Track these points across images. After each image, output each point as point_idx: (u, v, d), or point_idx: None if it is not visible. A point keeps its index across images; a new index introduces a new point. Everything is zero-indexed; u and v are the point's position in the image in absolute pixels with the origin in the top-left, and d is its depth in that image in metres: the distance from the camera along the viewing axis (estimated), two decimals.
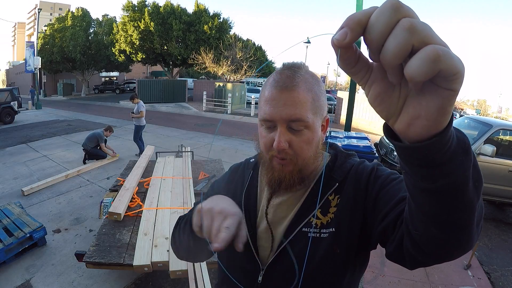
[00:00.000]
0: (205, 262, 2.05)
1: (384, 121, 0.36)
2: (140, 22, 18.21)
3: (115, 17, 24.51)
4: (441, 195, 0.37)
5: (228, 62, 16.20)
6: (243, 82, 19.74)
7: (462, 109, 43.22)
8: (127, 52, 19.50)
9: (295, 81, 0.59)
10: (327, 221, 0.63)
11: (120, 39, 19.28)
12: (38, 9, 19.08)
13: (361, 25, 0.28)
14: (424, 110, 0.30)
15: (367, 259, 0.70)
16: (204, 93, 14.82)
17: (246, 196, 0.73)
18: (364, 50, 0.33)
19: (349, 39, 0.29)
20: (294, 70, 0.60)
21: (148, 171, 3.81)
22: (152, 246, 2.17)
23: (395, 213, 0.53)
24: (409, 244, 0.47)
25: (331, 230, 0.62)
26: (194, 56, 16.66)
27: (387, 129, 0.37)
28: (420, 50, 0.26)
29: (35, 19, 20.34)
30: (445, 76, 0.26)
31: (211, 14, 19.73)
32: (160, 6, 18.79)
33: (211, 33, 18.70)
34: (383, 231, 0.55)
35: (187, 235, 0.67)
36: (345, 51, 0.31)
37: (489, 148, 3.98)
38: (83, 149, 5.72)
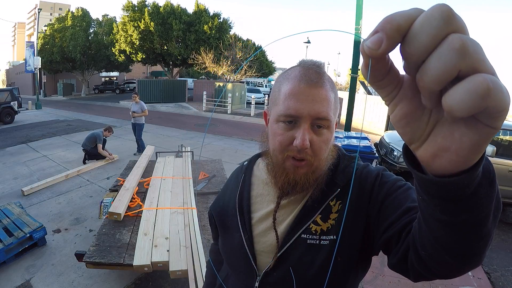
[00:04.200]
0: (205, 262, 2.05)
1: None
2: (140, 22, 18.20)
3: (115, 17, 24.54)
4: (458, 228, 0.34)
5: (228, 62, 16.20)
6: (243, 82, 19.75)
7: None
8: (127, 52, 19.50)
9: (323, 79, 0.57)
10: (327, 227, 0.60)
11: (120, 39, 19.28)
12: (38, 9, 19.08)
13: (400, 32, 0.23)
14: (456, 144, 0.26)
15: (369, 264, 0.67)
16: (204, 93, 14.83)
17: (239, 200, 0.71)
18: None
19: (384, 48, 0.24)
20: (320, 68, 0.58)
21: (148, 171, 3.81)
22: (152, 246, 2.16)
23: (401, 224, 0.50)
24: (415, 260, 0.45)
25: (331, 237, 0.59)
26: (194, 56, 16.66)
27: (406, 151, 0.33)
28: (467, 79, 0.21)
29: (35, 19, 20.35)
30: (490, 113, 0.22)
31: (211, 14, 19.73)
32: (160, 6, 18.79)
33: (211, 33, 18.70)
34: (387, 242, 0.53)
35: None
36: (377, 61, 0.26)
37: (489, 148, 3.98)
38: (83, 149, 5.72)
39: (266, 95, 16.83)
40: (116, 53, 20.12)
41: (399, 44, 0.24)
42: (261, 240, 0.66)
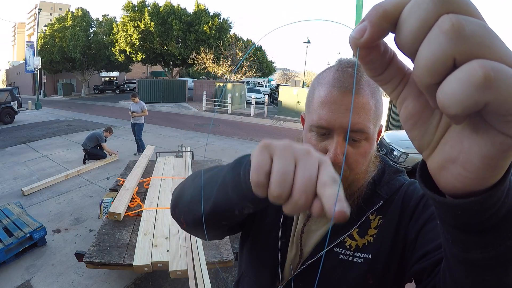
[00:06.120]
0: (205, 262, 2.05)
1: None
2: (140, 22, 18.22)
3: (115, 17, 24.52)
4: (472, 268, 0.28)
5: (228, 62, 16.21)
6: (243, 82, 19.77)
7: None
8: (127, 52, 19.52)
9: (360, 83, 0.50)
10: (363, 244, 0.55)
11: (120, 39, 19.29)
12: (38, 9, 19.09)
13: (387, 19, 0.20)
14: (464, 154, 0.20)
15: None
16: (204, 93, 14.82)
17: None
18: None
19: (367, 37, 0.20)
20: (358, 70, 0.51)
21: (148, 171, 3.82)
22: (152, 246, 2.17)
23: (437, 257, 0.43)
24: None
25: (367, 256, 0.54)
26: (194, 56, 16.68)
27: (423, 162, 0.27)
28: (461, 67, 0.17)
29: (35, 19, 20.36)
30: (497, 113, 0.17)
31: (211, 14, 19.75)
32: (160, 6, 18.81)
33: (211, 33, 18.72)
34: (419, 273, 0.47)
35: (222, 186, 0.42)
36: (367, 52, 0.21)
37: None
38: (83, 149, 5.72)
39: (266, 95, 16.82)
40: (116, 53, 20.13)
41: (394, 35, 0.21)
42: (294, 248, 0.63)
